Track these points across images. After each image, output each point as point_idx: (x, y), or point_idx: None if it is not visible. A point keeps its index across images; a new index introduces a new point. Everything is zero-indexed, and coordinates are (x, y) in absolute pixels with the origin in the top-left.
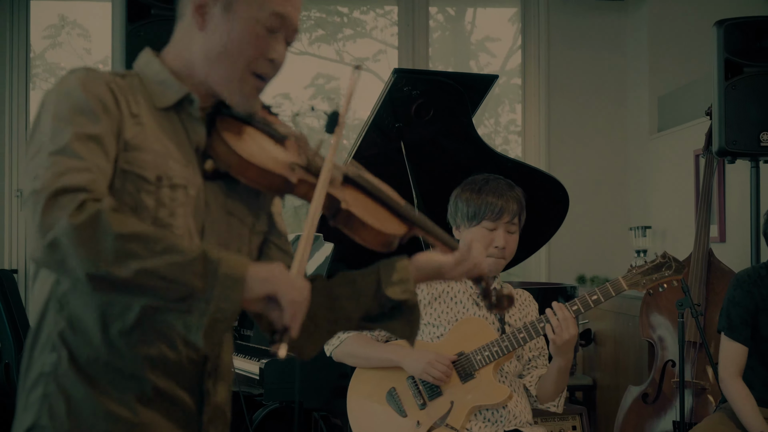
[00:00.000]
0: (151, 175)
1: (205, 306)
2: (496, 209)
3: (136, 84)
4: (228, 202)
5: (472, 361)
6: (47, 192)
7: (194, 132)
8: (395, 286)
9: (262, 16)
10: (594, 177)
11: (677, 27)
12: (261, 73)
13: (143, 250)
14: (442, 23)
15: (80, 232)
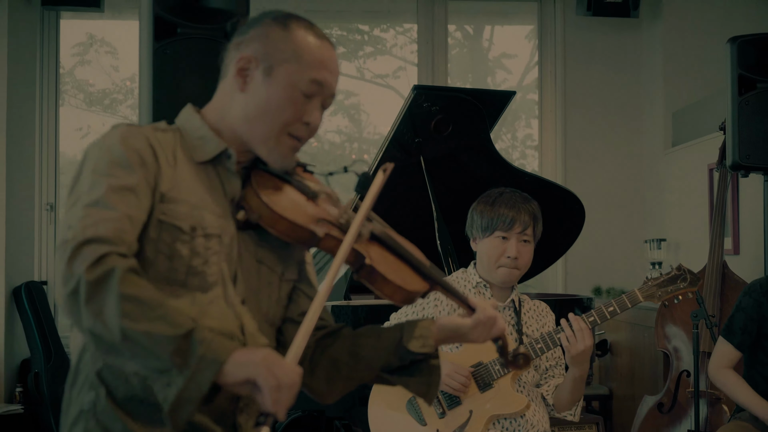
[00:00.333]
0: (186, 225)
1: (180, 382)
2: (508, 219)
3: (176, 138)
4: (259, 251)
5: (491, 371)
6: (75, 242)
7: (230, 184)
8: (415, 339)
9: (300, 83)
10: (610, 190)
11: (691, 44)
12: (297, 135)
13: (137, 313)
14: (460, 40)
15: (89, 289)
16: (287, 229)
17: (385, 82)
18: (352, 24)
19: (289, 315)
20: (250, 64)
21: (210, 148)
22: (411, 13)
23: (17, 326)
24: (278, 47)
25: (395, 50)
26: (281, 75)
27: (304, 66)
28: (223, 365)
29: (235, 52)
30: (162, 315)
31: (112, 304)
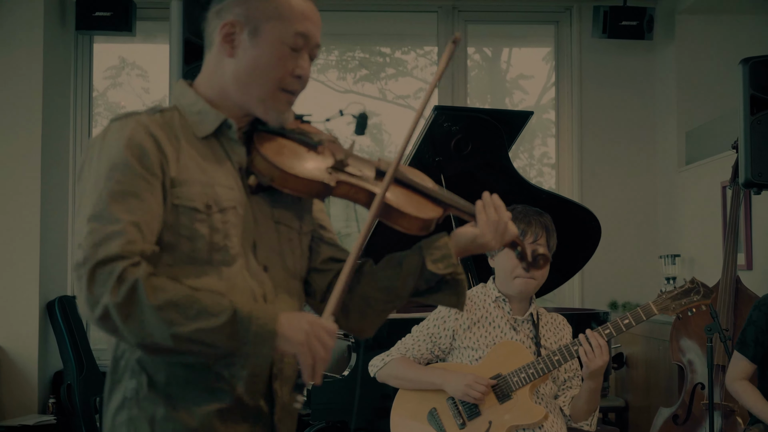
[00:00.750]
0: (200, 204)
1: (243, 360)
2: (519, 231)
3: (175, 118)
4: (274, 212)
5: (510, 383)
6: (88, 266)
7: (235, 153)
8: (438, 262)
9: (287, 38)
10: (625, 207)
11: (704, 65)
12: (290, 89)
13: (178, 317)
14: (479, 62)
15: (121, 310)
16: (300, 186)
17: (406, 102)
18: (374, 47)
19: (313, 265)
20: (235, 29)
21: (209, 121)
22: (431, 36)
23: (51, 339)
24: (260, 7)
25: (416, 72)
26: (267, 33)
27: (288, 21)
28: (275, 336)
29: (217, 20)
30: (201, 309)
31: (152, 318)
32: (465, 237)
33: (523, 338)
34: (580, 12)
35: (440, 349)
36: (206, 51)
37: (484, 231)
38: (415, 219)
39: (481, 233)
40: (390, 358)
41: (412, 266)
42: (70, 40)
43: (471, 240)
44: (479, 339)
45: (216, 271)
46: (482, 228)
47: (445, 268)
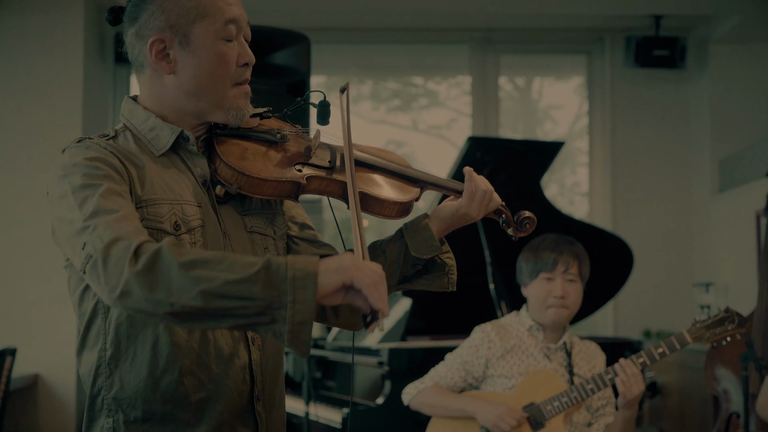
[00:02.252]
0: (168, 225)
1: (284, 313)
2: (551, 261)
3: (129, 140)
4: (246, 220)
5: (543, 411)
6: (100, 251)
7: (196, 165)
8: (421, 246)
9: (219, 32)
10: (658, 236)
11: (736, 93)
12: (241, 80)
13: (208, 272)
14: (511, 92)
15: (144, 277)
16: (270, 189)
17: (438, 132)
18: (407, 77)
19: None
20: (165, 44)
21: (164, 136)
22: (464, 67)
23: None
24: (180, 13)
25: (448, 102)
26: (199, 37)
27: (213, 14)
28: (317, 276)
29: (140, 42)
30: (231, 263)
31: (180, 278)
32: (446, 211)
33: (556, 366)
34: (612, 42)
35: (473, 377)
36: (137, 73)
37: (468, 201)
38: (393, 204)
39: (465, 203)
40: (423, 386)
41: (395, 254)
42: (109, 72)
43: (452, 213)
44: (512, 367)
45: None
46: (467, 198)
47: (428, 251)
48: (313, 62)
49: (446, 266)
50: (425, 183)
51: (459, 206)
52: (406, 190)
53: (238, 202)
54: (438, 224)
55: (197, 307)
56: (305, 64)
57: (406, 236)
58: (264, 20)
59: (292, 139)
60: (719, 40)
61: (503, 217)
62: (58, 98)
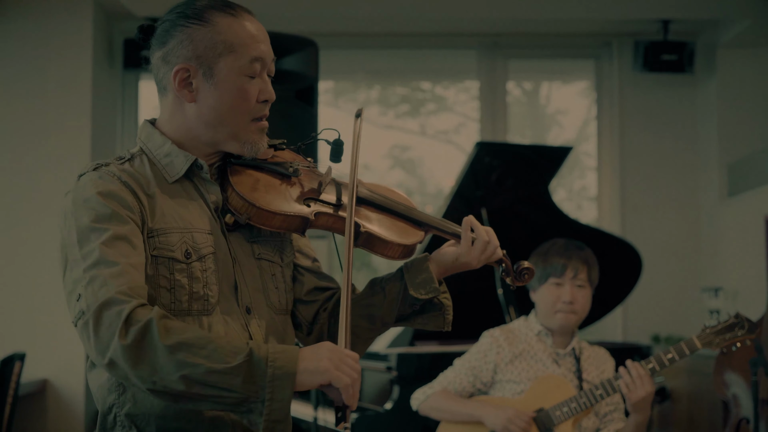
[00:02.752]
0: (179, 254)
1: (261, 407)
2: (559, 266)
3: (145, 163)
4: (254, 247)
5: (552, 417)
6: (92, 312)
7: (209, 193)
8: (420, 287)
9: (243, 68)
10: (667, 240)
11: (745, 97)
12: (259, 116)
13: (191, 358)
14: (519, 97)
15: (131, 353)
16: (278, 222)
17: (447, 137)
18: (415, 82)
19: (297, 296)
20: (189, 74)
21: (179, 163)
22: (472, 72)
23: None
24: (208, 45)
25: (456, 107)
26: (223, 71)
27: (240, 51)
28: (296, 377)
29: (165, 66)
30: (214, 349)
31: (164, 360)
32: (447, 257)
33: (565, 372)
34: (620, 46)
35: (482, 383)
36: (160, 95)
37: (467, 250)
38: (397, 246)
39: (464, 252)
40: (432, 391)
41: (394, 292)
42: (118, 78)
43: (453, 260)
44: (521, 373)
45: (197, 321)
46: (465, 248)
47: (427, 293)
48: (321, 68)
49: (443, 306)
50: (430, 227)
51: (459, 254)
52: (411, 232)
53: (247, 230)
54: (437, 268)
55: (177, 390)
56: (313, 69)
57: (406, 276)
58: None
59: (304, 173)
60: (727, 44)
61: (503, 266)
62: (66, 103)
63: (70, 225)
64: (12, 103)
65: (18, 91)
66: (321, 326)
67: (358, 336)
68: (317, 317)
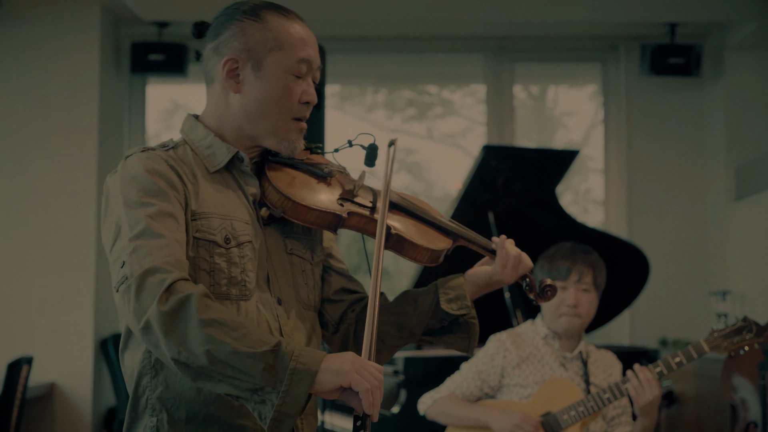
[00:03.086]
0: (220, 238)
1: (275, 398)
2: (564, 269)
3: (188, 152)
4: (287, 242)
5: (559, 421)
6: (135, 277)
7: (248, 185)
8: (452, 302)
9: (290, 67)
10: (674, 244)
11: (753, 100)
12: (299, 116)
13: (221, 336)
14: (525, 101)
15: (167, 319)
16: (312, 217)
17: (453, 141)
18: (422, 86)
19: (325, 296)
20: (238, 64)
21: (221, 154)
22: (478, 75)
23: (104, 376)
24: (259, 40)
25: (463, 111)
26: (271, 66)
27: (289, 50)
28: (316, 375)
29: (216, 57)
30: (245, 334)
31: (195, 332)
32: (480, 277)
33: (572, 375)
34: (627, 49)
35: (489, 387)
36: (208, 86)
37: (501, 268)
38: (425, 250)
39: (498, 270)
40: (439, 395)
41: (426, 305)
42: (125, 82)
43: (487, 278)
44: (528, 376)
45: (234, 305)
46: (500, 265)
47: (458, 309)
48: (328, 71)
49: (471, 329)
50: (458, 236)
51: (493, 273)
52: (440, 239)
53: (280, 225)
54: (471, 287)
55: (199, 364)
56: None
57: (439, 290)
58: None
59: (337, 175)
60: (734, 47)
61: (527, 281)
62: (74, 106)
63: (117, 200)
64: (20, 106)
65: (26, 95)
66: (347, 326)
67: (383, 342)
68: (344, 317)
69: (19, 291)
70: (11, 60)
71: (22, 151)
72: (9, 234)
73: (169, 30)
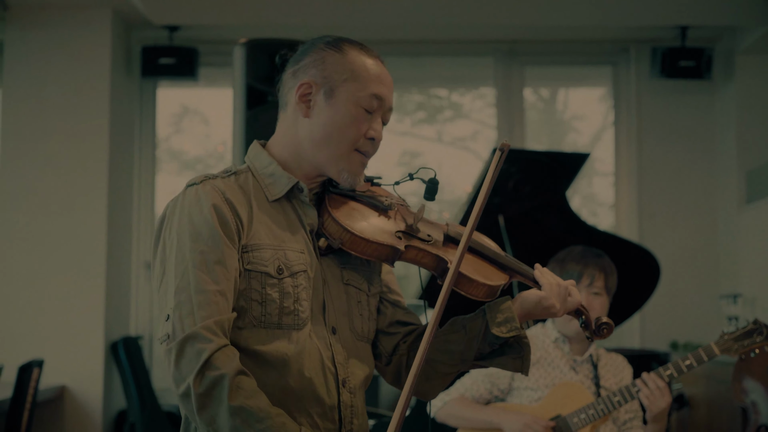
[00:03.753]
0: (272, 269)
1: None
2: (575, 273)
3: (249, 180)
4: (344, 273)
5: (569, 424)
6: (176, 343)
7: (306, 216)
8: (502, 325)
9: (362, 100)
10: (685, 247)
11: (763, 104)
12: (363, 150)
13: (245, 427)
14: (536, 104)
15: (200, 399)
16: (370, 249)
17: (463, 144)
18: (432, 89)
19: (380, 327)
20: (311, 90)
21: (281, 184)
22: (488, 79)
23: (115, 378)
24: (336, 69)
25: (473, 114)
26: (343, 95)
27: (363, 83)
28: None
29: (293, 81)
30: (270, 426)
31: (224, 416)
32: (530, 300)
33: (582, 379)
34: (637, 53)
35: (499, 389)
36: (280, 111)
37: (549, 294)
38: (483, 286)
39: (546, 296)
40: (449, 397)
41: (475, 330)
42: (136, 86)
43: (536, 303)
44: (538, 379)
45: (286, 335)
46: (547, 291)
47: (508, 331)
48: None
49: (523, 349)
50: (514, 272)
51: (542, 298)
52: (497, 275)
53: (338, 256)
54: (520, 310)
55: None
56: None
57: (488, 315)
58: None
59: (397, 208)
60: (745, 50)
61: (583, 318)
62: (85, 110)
63: (171, 239)
64: (31, 109)
65: (38, 98)
66: (400, 357)
67: (435, 371)
68: (397, 349)
69: (29, 294)
70: (23, 64)
71: (33, 155)
72: (20, 236)
73: (180, 34)
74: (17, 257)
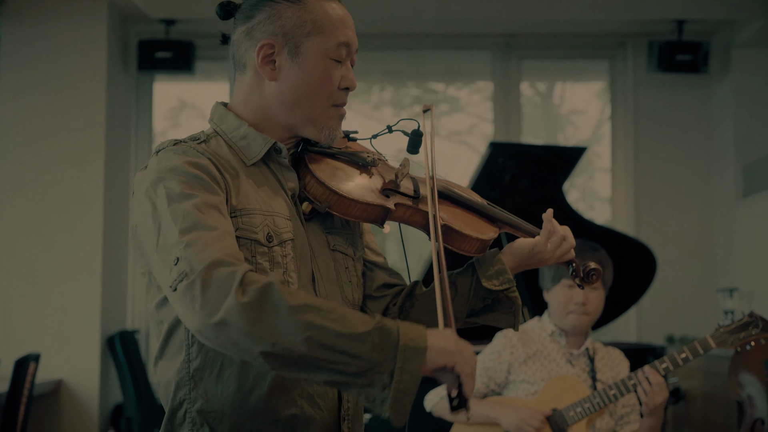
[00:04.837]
0: (262, 236)
1: (388, 379)
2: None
3: (222, 145)
4: (329, 239)
5: (565, 417)
6: (199, 272)
7: (286, 179)
8: (494, 278)
9: (329, 51)
10: (682, 241)
11: (761, 97)
12: (339, 102)
13: (318, 320)
14: (533, 98)
15: (250, 311)
16: (359, 211)
17: (460, 138)
18: (428, 83)
19: (367, 292)
20: (273, 50)
21: (257, 146)
22: (485, 73)
23: (111, 373)
24: (296, 23)
25: (469, 108)
26: (309, 51)
27: (329, 33)
28: (425, 352)
29: (248, 41)
30: (342, 315)
31: (289, 319)
32: (522, 248)
33: (579, 372)
34: (634, 47)
35: (496, 383)
36: (238, 72)
37: (545, 242)
38: (474, 240)
39: (540, 243)
40: (445, 392)
41: (465, 286)
42: (132, 80)
43: (529, 251)
44: (535, 373)
45: None
46: (543, 238)
47: (500, 284)
48: None
49: (514, 304)
50: (504, 223)
51: (536, 244)
52: (487, 228)
53: (321, 220)
54: (511, 260)
55: (299, 353)
56: None
57: (478, 269)
58: None
59: (379, 165)
60: (742, 44)
61: (573, 266)
62: (81, 104)
63: (155, 194)
64: (27, 103)
65: (33, 92)
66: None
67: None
68: (386, 313)
69: (26, 288)
70: (19, 57)
71: (29, 149)
72: (16, 231)
73: (177, 27)
74: (13, 251)
